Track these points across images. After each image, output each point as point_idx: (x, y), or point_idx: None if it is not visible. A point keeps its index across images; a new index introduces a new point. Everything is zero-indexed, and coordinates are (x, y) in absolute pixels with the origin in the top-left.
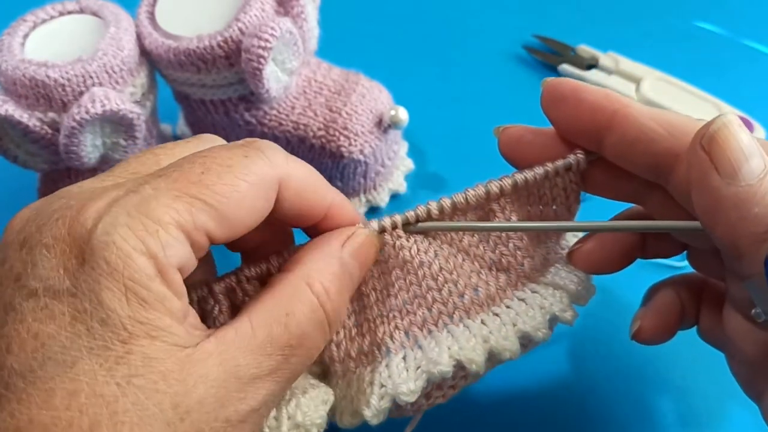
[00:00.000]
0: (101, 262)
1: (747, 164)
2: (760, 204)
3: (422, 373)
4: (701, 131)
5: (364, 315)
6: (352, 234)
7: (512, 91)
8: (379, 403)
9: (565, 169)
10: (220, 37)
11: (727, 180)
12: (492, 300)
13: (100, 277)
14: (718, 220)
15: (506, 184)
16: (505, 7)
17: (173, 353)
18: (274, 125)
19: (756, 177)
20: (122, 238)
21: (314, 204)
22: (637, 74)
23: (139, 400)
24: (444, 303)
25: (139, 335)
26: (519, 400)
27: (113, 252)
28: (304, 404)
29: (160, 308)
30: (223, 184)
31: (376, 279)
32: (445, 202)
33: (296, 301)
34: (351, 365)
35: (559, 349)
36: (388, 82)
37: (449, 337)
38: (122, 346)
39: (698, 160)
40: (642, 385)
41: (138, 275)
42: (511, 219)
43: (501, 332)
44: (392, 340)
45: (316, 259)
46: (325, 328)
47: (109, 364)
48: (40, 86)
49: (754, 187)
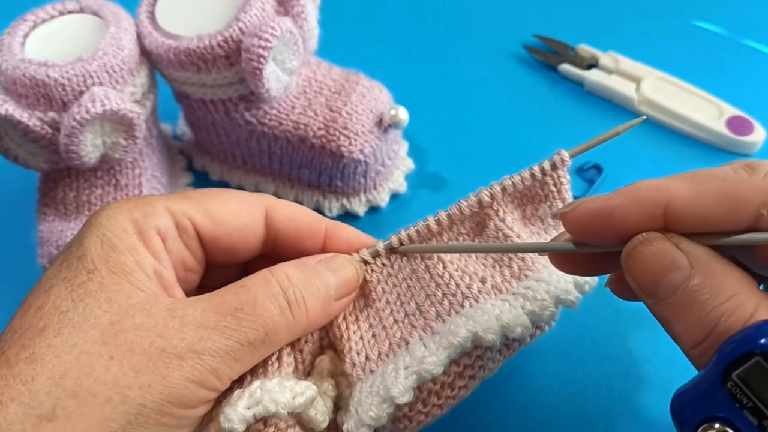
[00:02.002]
0: (94, 222)
1: (662, 283)
2: (682, 322)
3: (444, 350)
4: (624, 250)
5: (381, 324)
6: (330, 256)
7: (512, 91)
8: (405, 381)
9: (551, 167)
10: (221, 37)
11: (651, 300)
12: (499, 290)
13: (89, 230)
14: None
15: (496, 191)
16: (505, 7)
17: (125, 288)
18: (274, 125)
19: (671, 294)
20: (115, 207)
21: (309, 225)
22: (637, 74)
23: (83, 313)
24: (453, 295)
25: (102, 270)
26: (519, 400)
27: (104, 216)
28: (269, 385)
29: (127, 255)
30: (211, 193)
31: (389, 293)
32: (441, 215)
33: (253, 278)
34: (372, 366)
35: (559, 348)
36: (388, 82)
37: (463, 318)
38: (86, 275)
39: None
40: (642, 384)
41: (116, 229)
42: (505, 221)
43: (511, 312)
44: (411, 336)
45: (288, 264)
46: (284, 305)
47: (72, 288)
48: (41, 86)
49: (671, 304)
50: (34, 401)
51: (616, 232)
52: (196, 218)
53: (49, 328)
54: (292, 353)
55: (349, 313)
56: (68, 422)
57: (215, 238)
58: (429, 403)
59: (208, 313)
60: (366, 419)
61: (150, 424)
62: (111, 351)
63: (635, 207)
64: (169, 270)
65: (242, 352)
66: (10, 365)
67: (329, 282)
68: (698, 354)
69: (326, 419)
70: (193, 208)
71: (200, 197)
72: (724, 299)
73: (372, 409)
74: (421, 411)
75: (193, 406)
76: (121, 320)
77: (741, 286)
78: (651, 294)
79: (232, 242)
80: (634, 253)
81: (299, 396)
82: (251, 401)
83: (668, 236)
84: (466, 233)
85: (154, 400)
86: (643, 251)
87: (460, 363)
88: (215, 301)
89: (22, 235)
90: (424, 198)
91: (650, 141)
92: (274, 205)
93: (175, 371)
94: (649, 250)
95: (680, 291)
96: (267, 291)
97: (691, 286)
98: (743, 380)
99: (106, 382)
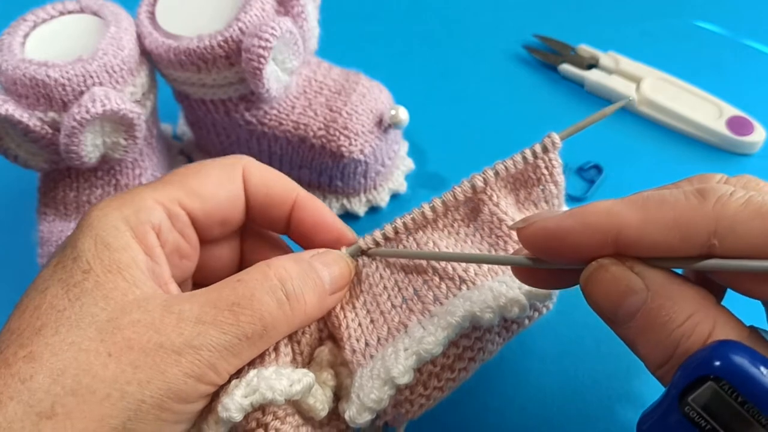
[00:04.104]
0: (86, 224)
1: (622, 307)
2: (645, 345)
3: (442, 330)
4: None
5: (379, 310)
6: (323, 251)
7: (512, 91)
8: (405, 362)
9: (542, 150)
10: (221, 37)
11: (613, 325)
12: (495, 273)
13: (82, 232)
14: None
15: (489, 176)
16: (505, 7)
17: (121, 285)
18: (274, 125)
19: (631, 318)
20: (104, 207)
21: (279, 190)
22: (638, 74)
23: (80, 311)
24: (451, 279)
25: (97, 269)
26: (518, 400)
27: (94, 216)
28: (265, 373)
29: (122, 253)
30: (191, 170)
31: (386, 279)
32: (435, 202)
33: (250, 272)
34: (372, 351)
35: (559, 347)
36: (388, 82)
37: (461, 299)
38: (82, 275)
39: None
40: (642, 384)
41: (108, 228)
42: (499, 205)
43: (509, 293)
44: (409, 320)
45: (284, 257)
46: (282, 299)
47: (68, 287)
48: (41, 86)
49: (632, 328)
50: (33, 399)
51: (569, 254)
52: (186, 202)
53: (46, 327)
54: (289, 344)
55: (347, 302)
56: (68, 420)
57: (207, 215)
58: (430, 386)
59: (205, 308)
60: (368, 402)
61: (149, 419)
62: (109, 348)
63: (587, 232)
64: (164, 266)
65: (240, 347)
66: (8, 364)
67: (324, 276)
68: (662, 374)
69: (326, 408)
70: (180, 192)
71: (182, 178)
72: (682, 320)
73: (374, 392)
74: (422, 394)
75: (192, 401)
76: (118, 317)
77: (697, 306)
78: (612, 319)
79: (223, 213)
80: (591, 279)
81: (296, 383)
82: (248, 389)
83: (622, 260)
84: (461, 219)
85: (153, 395)
86: (600, 277)
87: (460, 345)
88: (212, 296)
89: (22, 235)
90: (424, 198)
91: (650, 141)
92: (249, 168)
93: (174, 367)
94: (605, 276)
95: (639, 314)
96: (264, 285)
97: (650, 310)
98: (699, 403)
99: (105, 379)
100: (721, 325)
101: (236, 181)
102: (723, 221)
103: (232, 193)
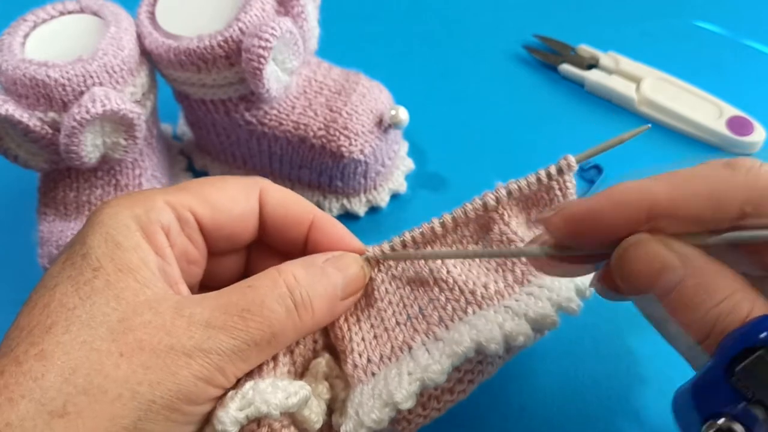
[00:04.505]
0: (96, 220)
1: (656, 285)
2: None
3: (447, 358)
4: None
5: (383, 326)
6: (337, 254)
7: (512, 91)
8: (409, 387)
9: (557, 171)
10: (221, 37)
11: (644, 302)
12: (501, 296)
13: (91, 229)
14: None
15: (502, 195)
16: (505, 7)
17: (132, 285)
18: (274, 125)
19: (665, 296)
20: (115, 205)
21: (297, 213)
22: (638, 74)
23: (91, 310)
24: (457, 300)
25: (108, 268)
26: (518, 400)
27: (105, 214)
28: (261, 386)
29: (132, 252)
30: (209, 181)
31: (392, 294)
32: (446, 218)
33: (260, 278)
34: (374, 369)
35: (559, 348)
36: (388, 82)
37: (466, 325)
38: (92, 273)
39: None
40: (642, 384)
41: (119, 226)
42: (510, 225)
43: (514, 321)
44: (413, 340)
45: (295, 263)
46: (291, 307)
47: (78, 285)
48: (41, 86)
49: (666, 306)
50: (44, 398)
51: (601, 235)
52: (197, 209)
53: (57, 325)
54: (288, 354)
55: (351, 314)
56: (79, 419)
57: (217, 227)
58: (429, 407)
59: (215, 312)
60: (367, 422)
61: (159, 420)
62: (120, 348)
63: (619, 210)
64: (174, 266)
65: (249, 352)
66: (19, 362)
67: (336, 281)
68: (697, 354)
69: (320, 420)
70: (192, 199)
71: (198, 187)
72: (720, 299)
73: (374, 412)
74: (421, 414)
75: (201, 403)
76: (129, 318)
77: (737, 285)
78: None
79: (233, 228)
80: (626, 256)
81: (292, 396)
82: (243, 403)
83: (659, 238)
84: (470, 236)
85: (163, 396)
86: (635, 254)
87: (461, 369)
88: (223, 301)
89: (22, 235)
90: (424, 198)
91: (650, 141)
92: (267, 189)
93: (184, 369)
94: (640, 253)
95: (675, 293)
96: (274, 292)
97: (686, 288)
98: (747, 374)
99: (117, 379)
100: (759, 305)
101: (251, 200)
102: (756, 190)
103: (246, 210)
